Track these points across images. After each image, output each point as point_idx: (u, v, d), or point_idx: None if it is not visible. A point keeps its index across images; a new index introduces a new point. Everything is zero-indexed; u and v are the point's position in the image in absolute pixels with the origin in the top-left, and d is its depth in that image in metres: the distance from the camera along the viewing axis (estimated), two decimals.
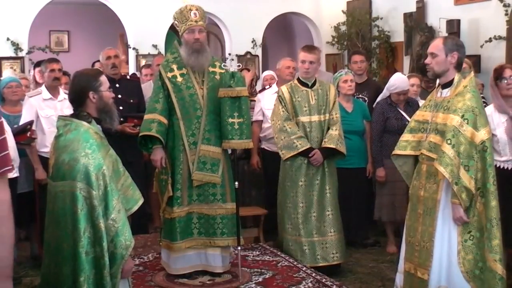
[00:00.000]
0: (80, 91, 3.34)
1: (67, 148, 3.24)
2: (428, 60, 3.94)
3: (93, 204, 3.16)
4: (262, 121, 6.31)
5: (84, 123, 3.30)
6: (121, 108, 5.90)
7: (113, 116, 3.47)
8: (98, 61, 7.94)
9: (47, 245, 3.32)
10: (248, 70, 8.03)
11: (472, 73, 3.98)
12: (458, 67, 3.92)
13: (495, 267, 3.73)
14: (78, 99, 3.36)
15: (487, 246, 3.74)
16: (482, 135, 3.71)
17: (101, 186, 3.19)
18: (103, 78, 3.41)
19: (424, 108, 4.08)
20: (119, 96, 5.94)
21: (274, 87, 6.33)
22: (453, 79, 3.88)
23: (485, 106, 5.11)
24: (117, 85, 5.91)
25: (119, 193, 3.28)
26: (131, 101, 5.95)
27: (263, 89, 6.81)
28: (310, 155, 5.16)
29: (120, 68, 6.16)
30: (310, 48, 5.40)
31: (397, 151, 4.15)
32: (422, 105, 4.28)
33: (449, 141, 3.71)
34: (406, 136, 4.12)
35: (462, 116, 3.71)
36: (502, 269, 3.75)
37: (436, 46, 3.91)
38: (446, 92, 3.90)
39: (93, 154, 3.20)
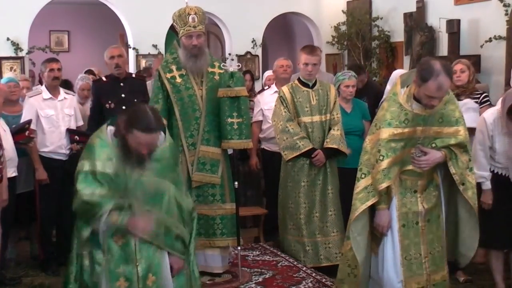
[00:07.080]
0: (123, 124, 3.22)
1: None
2: (436, 103, 3.61)
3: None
4: (261, 122, 6.30)
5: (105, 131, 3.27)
6: (123, 107, 5.88)
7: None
8: None
9: None
10: (250, 73, 8.00)
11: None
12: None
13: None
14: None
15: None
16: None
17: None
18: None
19: None
20: (123, 95, 5.89)
21: (273, 87, 6.32)
22: None
23: (489, 105, 5.05)
24: (122, 84, 5.87)
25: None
26: (135, 100, 5.88)
27: (262, 90, 6.78)
28: (312, 156, 5.15)
29: (124, 67, 6.06)
30: (312, 49, 5.34)
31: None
32: None
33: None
34: None
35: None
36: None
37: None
38: None
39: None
